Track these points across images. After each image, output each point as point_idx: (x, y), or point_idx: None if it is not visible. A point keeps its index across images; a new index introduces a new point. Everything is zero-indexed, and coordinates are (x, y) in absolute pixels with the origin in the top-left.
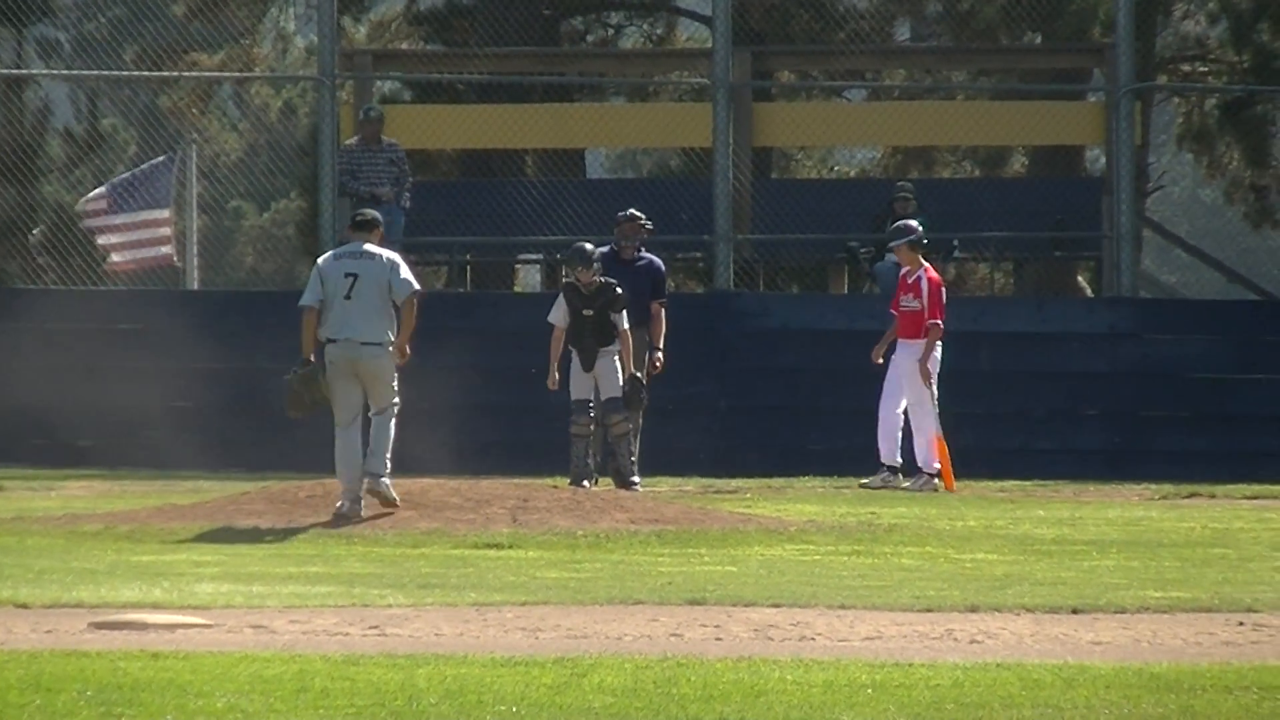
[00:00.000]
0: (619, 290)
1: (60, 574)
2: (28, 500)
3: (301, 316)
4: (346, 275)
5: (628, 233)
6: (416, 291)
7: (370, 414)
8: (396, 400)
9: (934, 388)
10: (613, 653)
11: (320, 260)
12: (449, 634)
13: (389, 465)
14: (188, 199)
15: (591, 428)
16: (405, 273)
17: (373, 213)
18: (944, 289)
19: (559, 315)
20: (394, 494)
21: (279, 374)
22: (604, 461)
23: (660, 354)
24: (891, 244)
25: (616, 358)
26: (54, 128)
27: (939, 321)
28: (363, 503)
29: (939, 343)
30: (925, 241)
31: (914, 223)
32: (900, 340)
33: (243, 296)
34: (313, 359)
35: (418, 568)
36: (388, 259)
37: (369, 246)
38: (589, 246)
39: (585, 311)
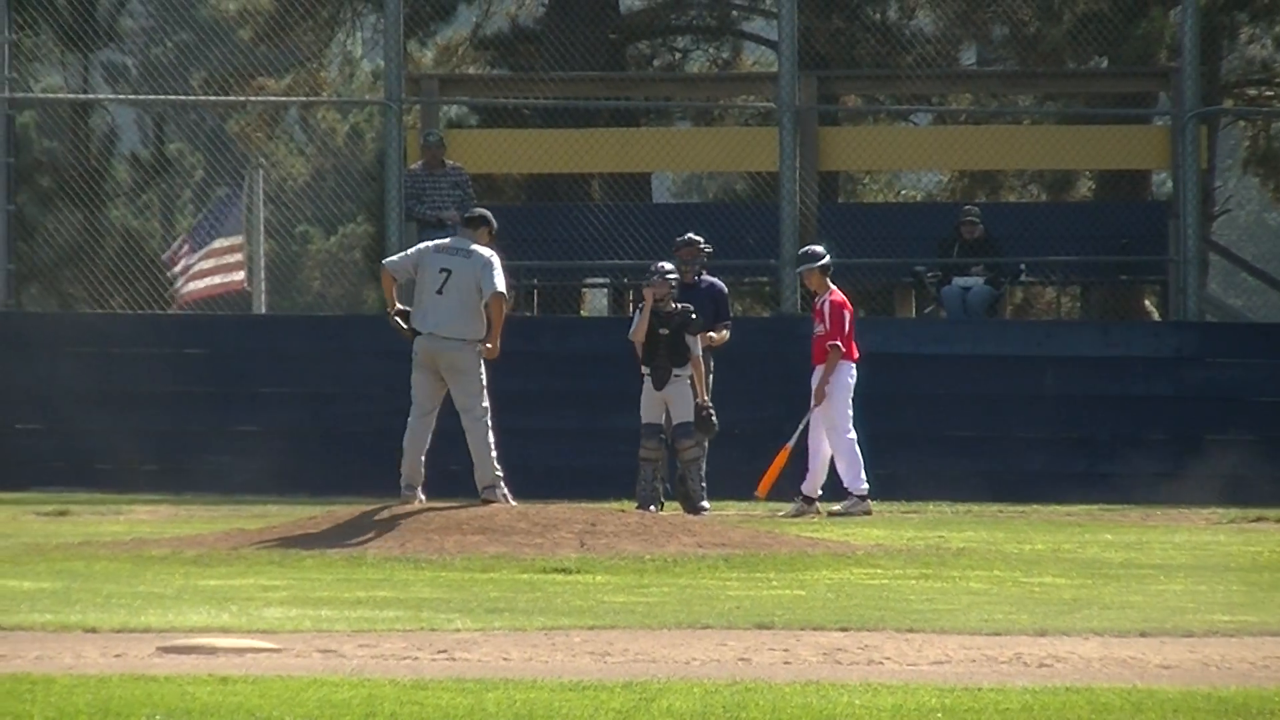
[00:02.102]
0: (694, 315)
1: (128, 598)
2: (95, 525)
3: (382, 276)
4: (441, 270)
5: (686, 257)
6: (498, 294)
7: (462, 421)
8: (486, 404)
9: (849, 414)
10: (681, 677)
11: (426, 244)
12: (517, 658)
13: (498, 469)
14: (255, 224)
15: (662, 452)
16: (494, 273)
17: (484, 210)
18: (847, 311)
19: (637, 331)
20: (510, 501)
21: (345, 398)
22: (673, 486)
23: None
24: (799, 269)
25: (689, 382)
26: (120, 152)
27: (837, 343)
28: (419, 490)
29: (847, 365)
30: (829, 266)
31: (819, 248)
32: (816, 367)
33: (309, 320)
34: (396, 313)
35: (485, 592)
36: (483, 257)
37: (471, 244)
38: (666, 265)
39: (661, 330)
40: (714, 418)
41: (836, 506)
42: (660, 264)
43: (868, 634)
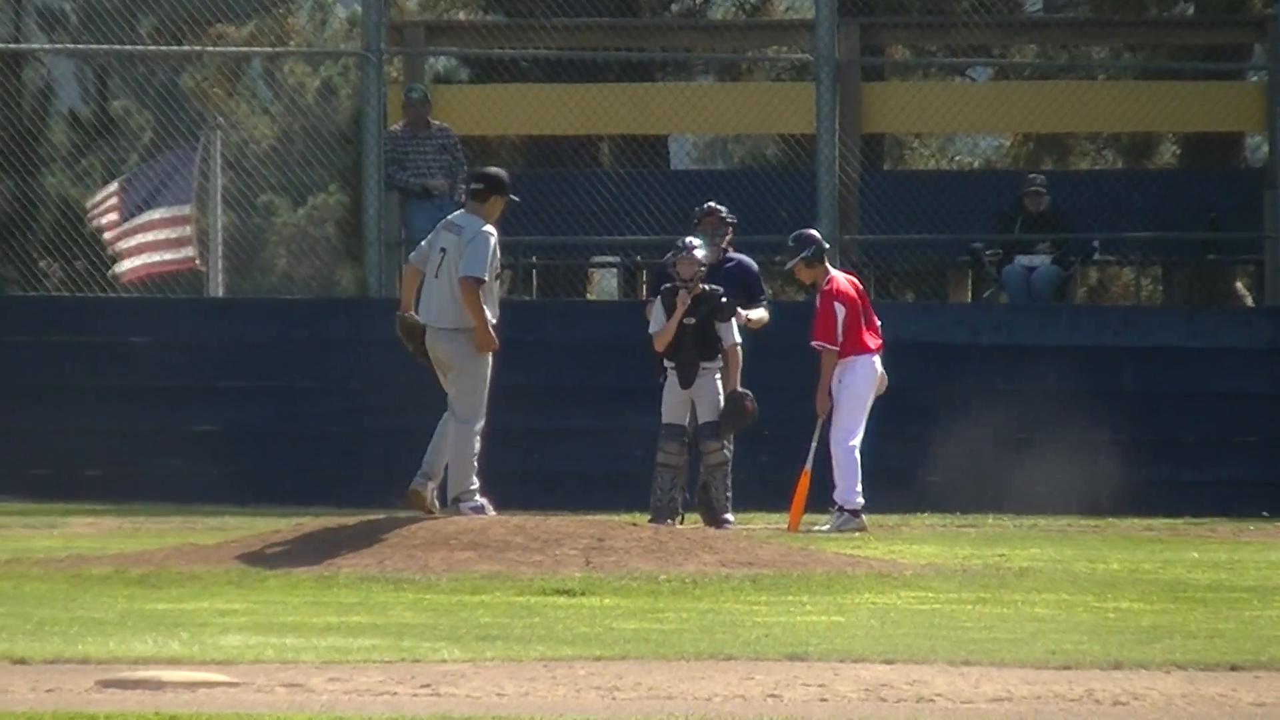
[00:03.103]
0: (725, 299)
1: (63, 624)
2: (26, 539)
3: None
4: (440, 250)
5: (708, 229)
6: (464, 277)
7: (451, 416)
8: (480, 406)
9: (862, 417)
10: (701, 715)
11: (441, 223)
12: (512, 693)
13: (474, 483)
14: (211, 193)
15: (684, 458)
16: (471, 250)
17: (490, 172)
18: (839, 303)
19: (657, 324)
20: (490, 513)
21: (316, 394)
22: (693, 495)
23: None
24: (788, 265)
25: (718, 376)
26: (58, 111)
27: (823, 343)
28: (430, 486)
29: (865, 359)
30: (827, 248)
31: (814, 232)
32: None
33: (275, 305)
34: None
35: (476, 617)
36: (472, 232)
37: (475, 220)
38: (693, 240)
39: (686, 320)
40: (746, 409)
41: (824, 525)
42: (687, 239)
43: (916, 667)
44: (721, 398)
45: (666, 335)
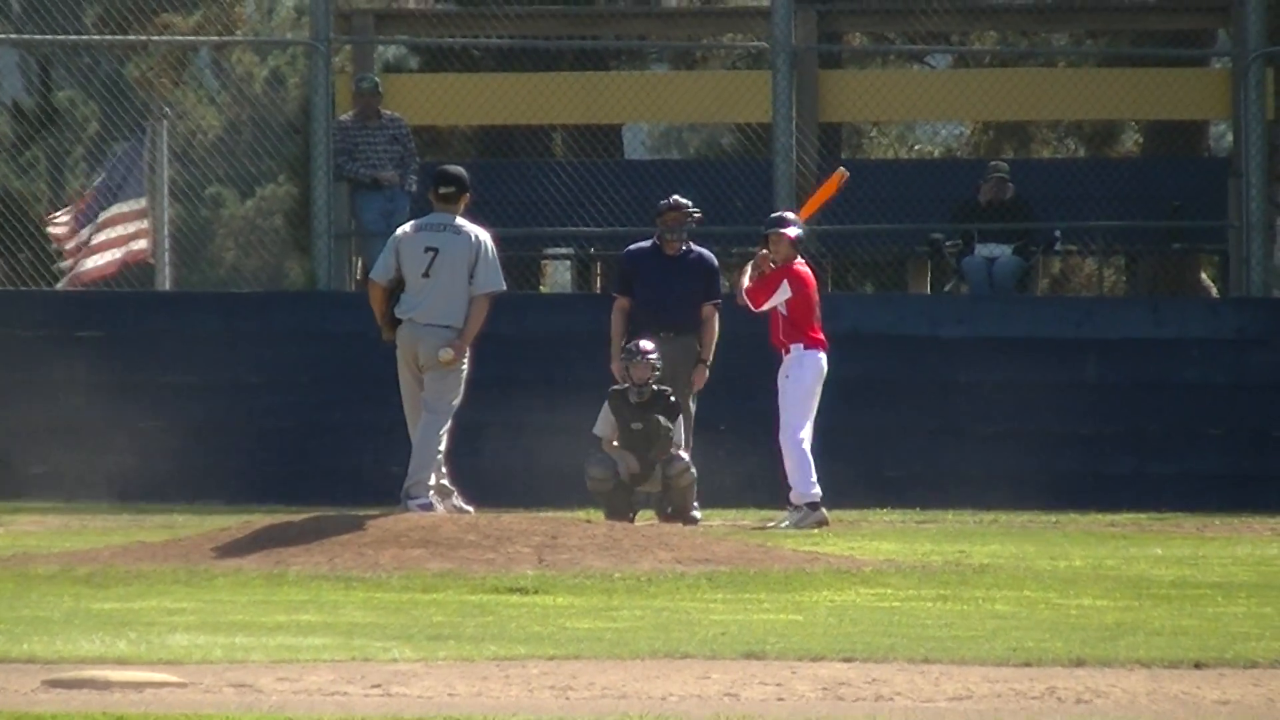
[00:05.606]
0: (673, 399)
1: (9, 623)
2: None
3: (369, 291)
4: (426, 250)
5: (672, 223)
6: (495, 292)
7: (423, 408)
8: (456, 403)
9: (810, 412)
10: (656, 715)
11: (399, 230)
12: (464, 693)
13: (430, 479)
14: (158, 184)
15: (613, 481)
16: (491, 262)
17: (456, 171)
18: (791, 277)
19: (604, 427)
20: (465, 509)
21: (265, 388)
22: (652, 497)
23: (706, 367)
24: (768, 230)
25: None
26: (1, 102)
27: (748, 301)
28: (454, 498)
29: (813, 354)
30: (802, 239)
31: (792, 214)
32: (784, 354)
33: (223, 298)
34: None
35: (428, 616)
36: (475, 238)
37: (456, 219)
38: (646, 343)
39: (634, 425)
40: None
41: (784, 522)
42: (639, 342)
43: (875, 665)
44: (681, 433)
45: (610, 449)
